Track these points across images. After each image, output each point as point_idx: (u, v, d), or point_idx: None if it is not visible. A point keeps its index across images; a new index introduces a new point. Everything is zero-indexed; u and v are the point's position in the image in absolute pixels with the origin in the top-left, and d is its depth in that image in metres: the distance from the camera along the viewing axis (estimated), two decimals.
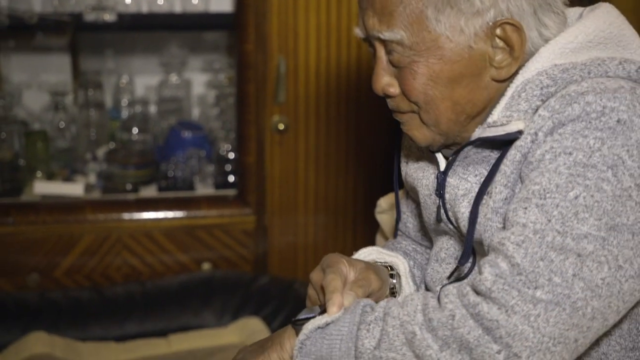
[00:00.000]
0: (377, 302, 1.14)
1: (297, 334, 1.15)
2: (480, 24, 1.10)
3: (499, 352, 0.97)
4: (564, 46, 1.11)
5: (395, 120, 1.23)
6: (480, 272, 1.02)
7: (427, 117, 1.17)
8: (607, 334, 1.12)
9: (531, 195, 1.03)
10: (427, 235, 1.43)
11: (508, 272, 0.99)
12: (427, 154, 1.31)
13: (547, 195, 1.02)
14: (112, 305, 2.50)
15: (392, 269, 1.35)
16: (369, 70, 2.57)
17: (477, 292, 1.01)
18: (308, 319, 1.15)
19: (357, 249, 1.36)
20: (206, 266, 2.70)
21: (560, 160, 1.03)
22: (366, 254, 1.37)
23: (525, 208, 1.03)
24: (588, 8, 1.18)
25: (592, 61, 1.10)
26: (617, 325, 1.13)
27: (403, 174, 1.41)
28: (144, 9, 2.90)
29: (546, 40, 1.13)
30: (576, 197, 1.00)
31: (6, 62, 3.03)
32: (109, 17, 2.73)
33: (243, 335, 2.42)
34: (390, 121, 2.74)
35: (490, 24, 1.10)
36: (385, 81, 1.18)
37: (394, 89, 1.18)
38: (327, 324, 1.12)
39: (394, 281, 1.33)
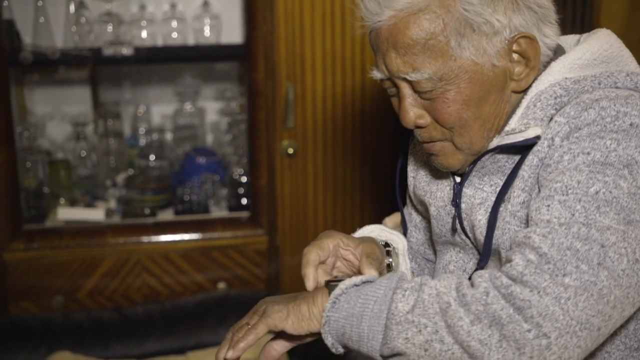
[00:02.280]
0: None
1: (329, 293, 1.13)
2: (500, 41, 1.14)
3: (529, 330, 0.97)
4: (573, 62, 1.17)
5: (399, 141, 1.25)
6: (509, 261, 1.03)
7: (461, 140, 1.20)
8: (612, 333, 1.13)
9: (553, 192, 1.05)
10: (430, 249, 1.45)
11: (537, 261, 1.00)
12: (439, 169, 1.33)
13: (570, 191, 1.04)
14: (133, 324, 2.52)
15: (388, 245, 1.37)
16: (374, 96, 2.67)
17: (509, 277, 1.01)
18: (340, 281, 1.13)
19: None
20: (221, 285, 2.72)
21: (579, 159, 1.06)
22: (368, 231, 1.39)
23: (548, 205, 1.04)
24: (586, 34, 1.25)
25: (602, 74, 1.15)
26: (622, 325, 1.14)
27: (411, 188, 1.42)
28: (159, 42, 2.96)
29: (549, 48, 1.19)
30: (597, 192, 1.02)
31: (30, 95, 3.08)
32: (126, 51, 2.79)
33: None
34: (394, 143, 2.81)
35: (508, 40, 1.15)
36: (415, 114, 1.20)
37: (424, 120, 1.20)
38: (364, 283, 1.12)
39: (390, 259, 1.34)
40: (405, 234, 1.48)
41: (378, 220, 1.90)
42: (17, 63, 2.72)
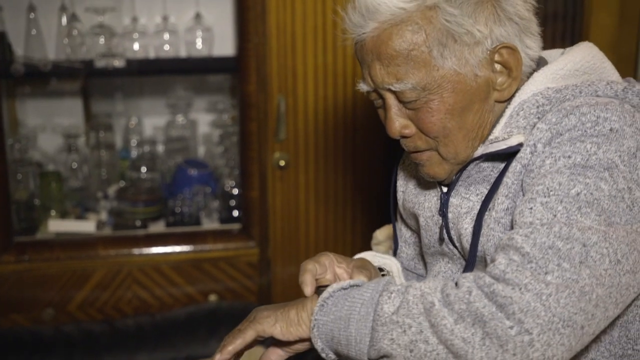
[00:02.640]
0: None
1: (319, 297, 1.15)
2: (482, 51, 1.17)
3: (511, 327, 0.97)
4: (555, 72, 1.20)
5: (391, 155, 1.28)
6: (492, 262, 1.05)
7: (446, 150, 1.22)
8: (596, 340, 1.16)
9: (535, 195, 1.07)
10: (420, 263, 1.47)
11: (519, 260, 1.01)
12: (427, 179, 1.35)
13: (551, 192, 1.05)
14: (124, 337, 2.51)
15: (382, 270, 1.39)
16: (364, 108, 2.68)
17: (492, 276, 1.02)
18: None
19: None
20: (213, 298, 2.71)
21: (561, 163, 1.08)
22: (360, 257, 1.40)
23: (531, 208, 1.06)
24: (569, 47, 1.28)
25: (583, 83, 1.18)
26: (607, 332, 1.16)
27: (401, 201, 1.44)
28: (151, 54, 2.96)
29: (531, 59, 1.22)
30: (578, 194, 1.04)
31: (22, 107, 3.08)
32: (118, 63, 2.79)
33: None
34: (385, 156, 2.82)
35: (489, 50, 1.17)
36: (401, 124, 1.22)
37: (410, 130, 1.22)
38: (351, 286, 1.13)
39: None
40: (396, 248, 1.49)
41: (369, 232, 1.93)
42: (9, 75, 2.71)
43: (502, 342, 0.98)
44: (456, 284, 1.06)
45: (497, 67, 1.19)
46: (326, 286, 1.16)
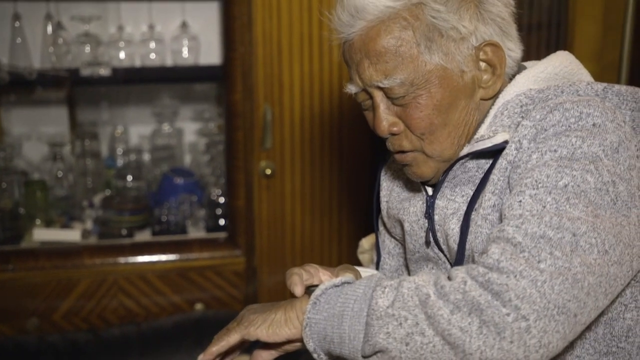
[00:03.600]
0: None
1: (309, 297, 1.14)
2: (468, 47, 1.20)
3: (507, 314, 0.97)
4: (536, 75, 1.24)
5: (375, 164, 1.30)
6: (484, 253, 1.05)
7: (431, 148, 1.24)
8: (581, 337, 1.17)
9: (524, 188, 1.08)
10: (404, 275, 1.47)
11: (512, 250, 1.02)
12: (411, 184, 1.37)
13: (539, 185, 1.07)
14: (109, 346, 2.49)
15: None
16: (350, 117, 2.68)
17: (485, 266, 1.03)
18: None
19: None
20: (199, 306, 2.71)
21: (547, 156, 1.10)
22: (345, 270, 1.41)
23: (520, 201, 1.08)
24: (546, 57, 1.31)
25: (564, 83, 1.21)
26: (591, 329, 1.18)
27: (384, 210, 1.45)
28: (137, 63, 2.96)
29: (514, 61, 1.26)
30: (566, 185, 1.06)
31: (7, 115, 3.07)
32: (104, 71, 2.79)
33: None
34: (370, 164, 2.83)
35: (475, 47, 1.21)
36: (389, 121, 1.24)
37: (398, 127, 1.24)
38: (343, 283, 1.13)
39: None
40: (378, 260, 1.50)
41: (355, 240, 1.94)
42: None
43: (500, 329, 0.98)
44: (449, 276, 1.06)
45: (482, 65, 1.23)
46: (316, 286, 1.16)
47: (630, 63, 2.22)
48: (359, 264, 1.92)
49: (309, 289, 1.17)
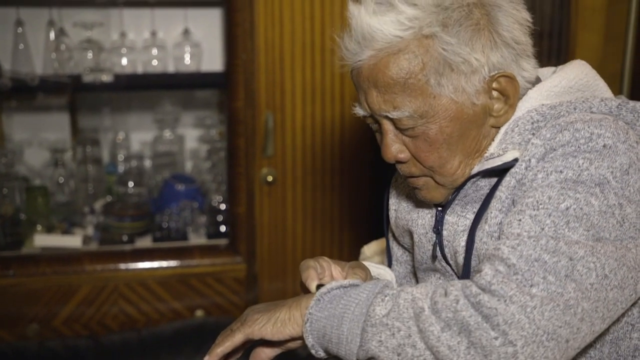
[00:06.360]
0: None
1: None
2: (479, 80, 1.17)
3: (495, 338, 0.98)
4: (549, 89, 1.21)
5: (378, 172, 1.29)
6: (479, 272, 1.05)
7: (442, 179, 1.23)
8: (586, 356, 1.17)
9: (525, 207, 1.07)
10: (412, 281, 1.47)
11: (505, 271, 1.01)
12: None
13: (540, 206, 1.06)
14: (109, 353, 2.48)
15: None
16: (352, 124, 2.68)
17: (478, 286, 1.03)
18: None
19: None
20: (199, 313, 2.71)
21: (552, 177, 1.08)
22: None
23: (520, 220, 1.06)
24: (562, 65, 1.29)
25: (577, 99, 1.19)
26: (597, 348, 1.17)
27: (393, 218, 1.44)
28: (139, 69, 2.97)
29: (528, 82, 1.22)
30: (567, 208, 1.04)
31: (8, 121, 3.07)
32: (106, 77, 2.79)
33: None
34: (373, 172, 2.82)
35: (487, 78, 1.17)
36: (397, 149, 1.22)
37: (405, 155, 1.23)
38: (350, 286, 1.14)
39: None
40: (389, 265, 1.50)
41: (356, 248, 1.93)
42: None
43: (487, 352, 0.98)
44: (445, 291, 1.06)
45: (495, 94, 1.20)
46: (323, 285, 1.17)
47: (632, 74, 2.23)
48: None
49: (318, 287, 1.17)
